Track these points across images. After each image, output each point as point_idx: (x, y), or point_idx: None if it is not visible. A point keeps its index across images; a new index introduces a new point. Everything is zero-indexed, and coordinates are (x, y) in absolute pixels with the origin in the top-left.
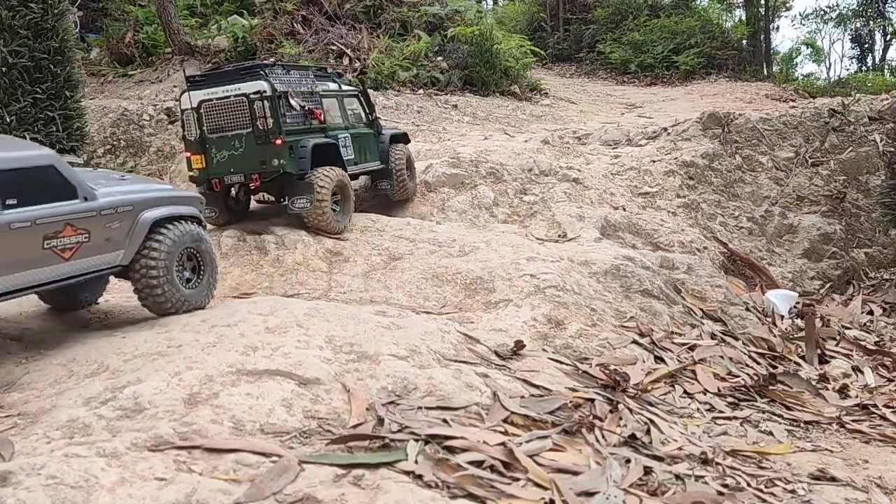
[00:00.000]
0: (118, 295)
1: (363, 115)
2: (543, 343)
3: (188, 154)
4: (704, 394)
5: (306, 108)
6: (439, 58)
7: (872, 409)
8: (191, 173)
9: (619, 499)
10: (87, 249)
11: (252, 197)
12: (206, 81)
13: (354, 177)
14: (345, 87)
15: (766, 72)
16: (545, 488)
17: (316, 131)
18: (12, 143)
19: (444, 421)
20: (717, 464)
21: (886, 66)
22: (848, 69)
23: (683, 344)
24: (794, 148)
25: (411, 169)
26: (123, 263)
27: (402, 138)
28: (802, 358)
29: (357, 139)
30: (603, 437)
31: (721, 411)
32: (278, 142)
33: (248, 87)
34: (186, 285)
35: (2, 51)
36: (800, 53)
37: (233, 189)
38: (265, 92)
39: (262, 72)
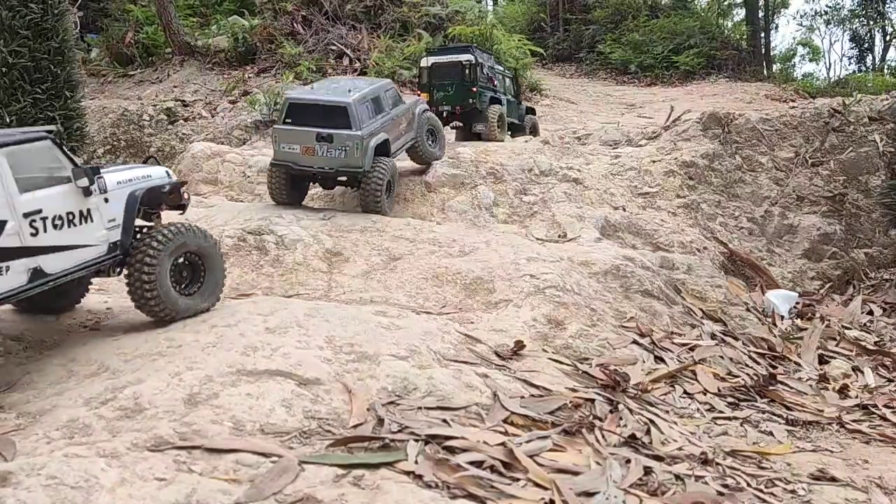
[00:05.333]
0: (117, 295)
1: (513, 90)
2: (543, 343)
3: (418, 93)
4: (704, 394)
5: (489, 76)
6: None
7: (872, 410)
8: None
9: (619, 499)
10: (406, 131)
11: (450, 124)
12: (438, 52)
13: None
14: (507, 71)
15: (765, 72)
16: (545, 488)
17: (491, 91)
18: (369, 80)
19: (444, 421)
20: (717, 464)
21: (886, 66)
22: (847, 69)
23: (683, 344)
24: (794, 148)
25: (535, 131)
26: (414, 139)
27: (532, 111)
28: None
29: (509, 103)
30: (603, 437)
31: (721, 411)
32: (474, 89)
33: (462, 56)
34: None
35: (2, 51)
36: (795, 54)
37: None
38: (472, 61)
39: (471, 49)
